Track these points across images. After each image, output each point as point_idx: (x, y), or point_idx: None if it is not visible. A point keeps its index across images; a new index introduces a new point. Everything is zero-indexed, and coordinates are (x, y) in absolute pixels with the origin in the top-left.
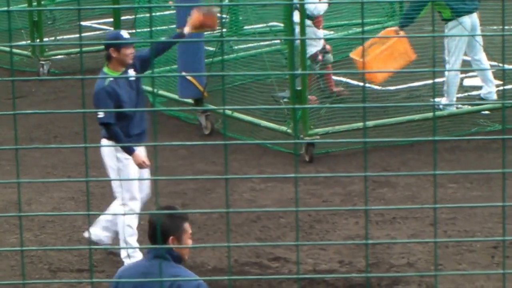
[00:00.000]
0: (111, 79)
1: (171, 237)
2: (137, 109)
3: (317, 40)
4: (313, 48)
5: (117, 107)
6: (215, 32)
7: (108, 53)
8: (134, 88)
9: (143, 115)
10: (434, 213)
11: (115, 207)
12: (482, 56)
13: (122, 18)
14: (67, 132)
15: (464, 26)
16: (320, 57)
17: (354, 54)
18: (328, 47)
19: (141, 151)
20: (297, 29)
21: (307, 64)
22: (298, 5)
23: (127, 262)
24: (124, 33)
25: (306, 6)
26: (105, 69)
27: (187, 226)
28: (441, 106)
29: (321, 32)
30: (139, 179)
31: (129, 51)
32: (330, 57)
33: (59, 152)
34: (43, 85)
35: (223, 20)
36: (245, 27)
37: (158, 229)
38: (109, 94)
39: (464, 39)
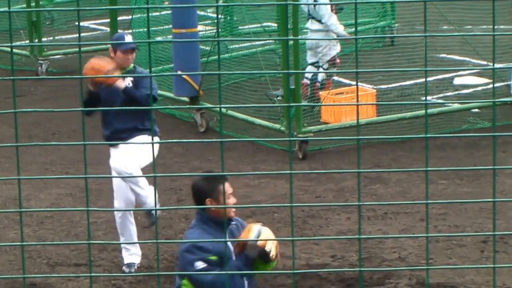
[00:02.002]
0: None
1: (207, 199)
2: (132, 107)
3: (335, 44)
4: (332, 51)
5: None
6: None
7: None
8: (119, 95)
9: (116, 120)
10: (426, 209)
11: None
12: None
13: (119, 18)
14: (65, 130)
15: None
16: (338, 61)
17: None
18: (337, 61)
19: (116, 152)
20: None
21: (325, 68)
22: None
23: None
24: (127, 37)
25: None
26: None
27: (224, 187)
28: None
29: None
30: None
31: (123, 56)
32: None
33: (57, 149)
34: (42, 84)
35: (219, 21)
36: (240, 27)
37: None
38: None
39: None
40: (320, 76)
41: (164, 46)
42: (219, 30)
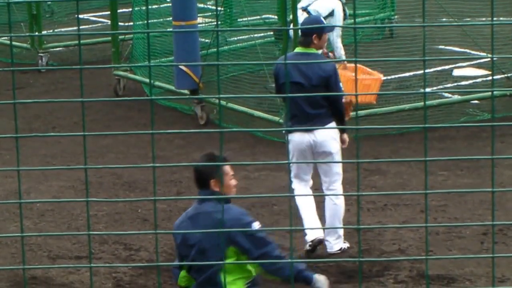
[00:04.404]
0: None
1: (212, 180)
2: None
3: None
4: None
5: None
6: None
7: (309, 39)
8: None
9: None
10: (425, 199)
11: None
12: None
13: (119, 11)
14: (66, 123)
15: None
16: (331, 54)
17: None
18: (331, 54)
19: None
20: None
21: None
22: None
23: (338, 244)
24: (323, 20)
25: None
26: (315, 50)
27: (226, 168)
28: None
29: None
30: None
31: (326, 38)
32: None
33: (58, 142)
34: (42, 77)
35: (218, 13)
36: (239, 20)
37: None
38: None
39: None
40: None
41: (161, 39)
42: (219, 22)
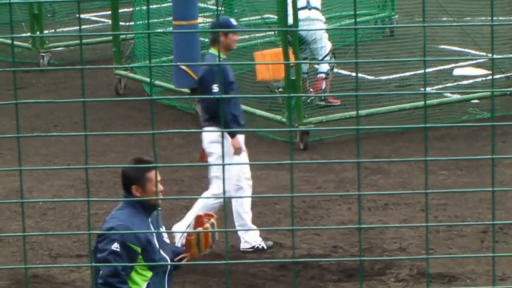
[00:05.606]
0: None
1: (133, 186)
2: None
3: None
4: (327, 40)
5: (225, 86)
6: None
7: (215, 36)
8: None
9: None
10: (425, 198)
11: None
12: None
13: (120, 10)
14: (67, 122)
15: None
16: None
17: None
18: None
19: (241, 137)
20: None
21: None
22: None
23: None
24: (233, 21)
25: None
26: (212, 50)
27: (151, 175)
28: None
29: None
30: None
31: (236, 38)
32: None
33: (59, 141)
34: (44, 77)
35: (219, 13)
36: (240, 19)
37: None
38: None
39: None
40: (325, 67)
41: (161, 38)
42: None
